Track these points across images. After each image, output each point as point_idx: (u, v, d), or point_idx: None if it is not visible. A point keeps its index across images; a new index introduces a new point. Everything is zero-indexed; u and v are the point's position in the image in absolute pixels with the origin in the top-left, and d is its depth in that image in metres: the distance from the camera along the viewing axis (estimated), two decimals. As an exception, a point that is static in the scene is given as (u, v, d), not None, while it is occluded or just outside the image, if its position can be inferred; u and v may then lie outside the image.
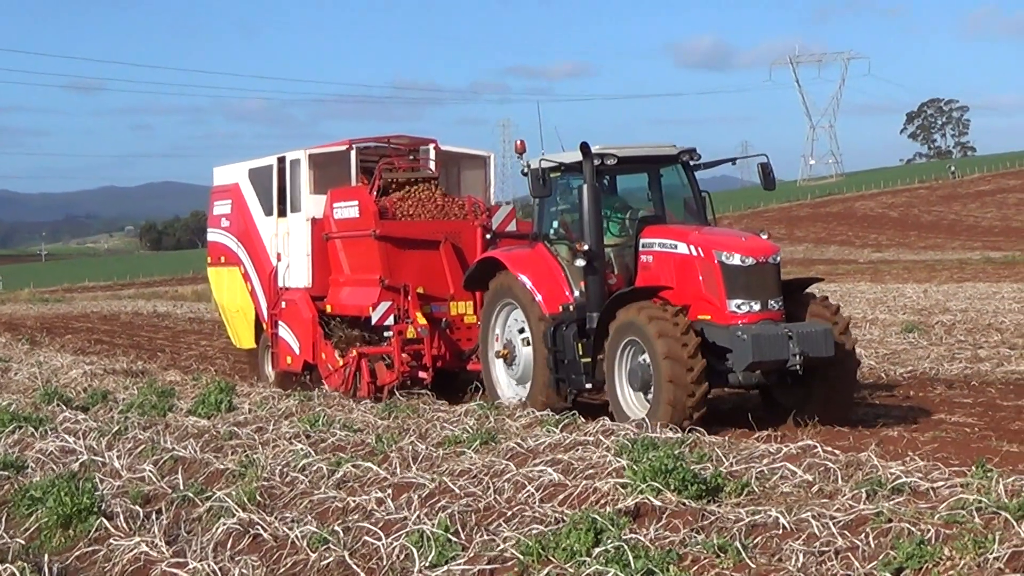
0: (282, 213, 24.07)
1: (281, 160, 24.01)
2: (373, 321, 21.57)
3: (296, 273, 23.67)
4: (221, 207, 26.60)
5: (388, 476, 13.08)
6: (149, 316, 57.27)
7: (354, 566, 10.15)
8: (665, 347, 16.58)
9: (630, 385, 17.60)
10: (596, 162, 18.36)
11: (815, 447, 13.49)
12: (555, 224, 19.58)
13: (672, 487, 11.34)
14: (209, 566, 10.15)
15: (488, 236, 21.39)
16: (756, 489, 11.76)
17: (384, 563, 10.17)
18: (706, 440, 14.73)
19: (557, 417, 16.87)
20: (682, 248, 17.88)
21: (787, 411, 17.70)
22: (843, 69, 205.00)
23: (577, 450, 13.87)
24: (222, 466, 14.46)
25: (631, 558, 9.24)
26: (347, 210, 22.50)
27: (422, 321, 21.31)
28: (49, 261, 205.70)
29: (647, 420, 16.30)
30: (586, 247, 18.12)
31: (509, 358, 19.87)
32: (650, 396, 17.21)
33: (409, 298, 21.33)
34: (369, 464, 13.60)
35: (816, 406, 17.57)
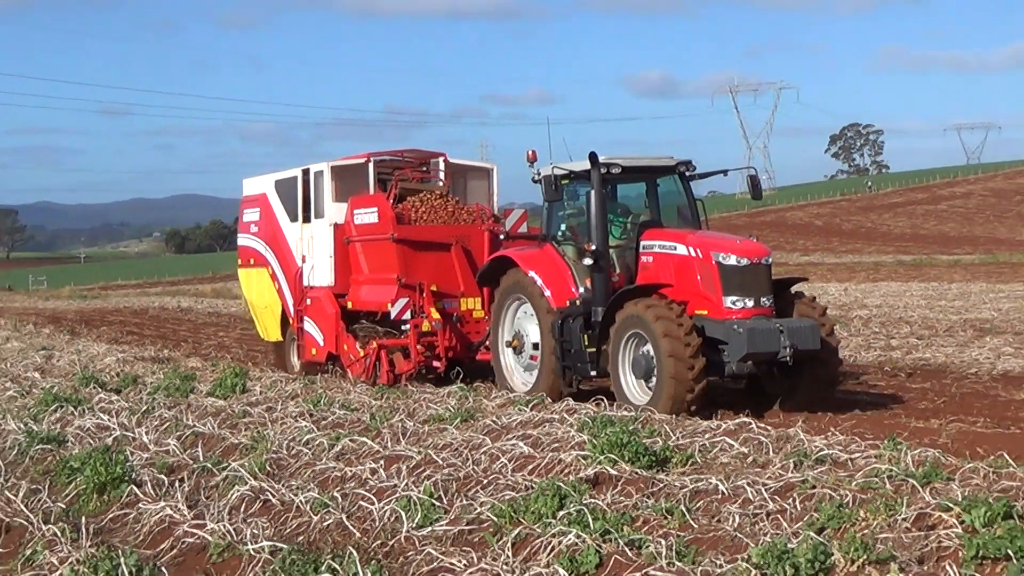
0: (306, 219, 23.87)
1: (305, 172, 23.82)
2: (392, 316, 21.33)
3: (320, 273, 23.48)
4: (251, 215, 26.37)
5: (380, 449, 13.06)
6: (174, 311, 57.08)
7: (351, 527, 10.13)
8: (670, 346, 16.27)
9: (633, 373, 17.26)
10: (602, 171, 18.11)
11: (750, 424, 13.52)
12: (563, 227, 19.28)
13: (626, 458, 11.34)
14: (224, 527, 10.12)
15: (502, 237, 20.99)
16: (699, 460, 11.77)
17: (376, 524, 10.15)
18: (656, 418, 14.75)
19: (528, 398, 16.87)
20: (681, 249, 17.63)
21: (772, 399, 17.52)
22: (776, 97, 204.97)
23: (545, 426, 13.86)
24: (236, 440, 14.42)
25: (590, 520, 9.24)
26: (367, 216, 22.29)
27: (436, 316, 21.12)
28: (87, 263, 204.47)
29: (650, 409, 15.72)
30: (593, 247, 17.93)
31: (518, 347, 19.54)
32: (651, 384, 16.89)
33: (424, 295, 21.13)
34: (364, 439, 13.57)
35: (802, 394, 17.35)
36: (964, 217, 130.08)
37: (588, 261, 18.10)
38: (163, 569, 9.04)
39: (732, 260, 17.11)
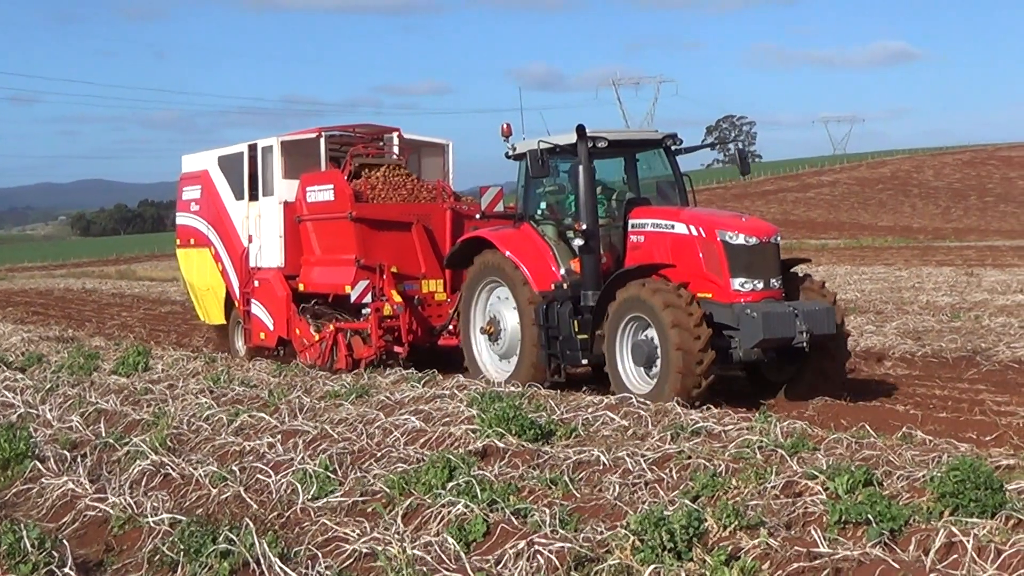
0: (253, 197, 21.84)
1: (252, 147, 21.87)
2: (352, 299, 19.48)
3: (268, 254, 21.47)
4: (190, 192, 24.14)
5: (278, 424, 12.95)
6: (79, 292, 56.08)
7: (248, 499, 10.03)
8: (678, 338, 14.47)
9: (633, 360, 15.38)
10: (589, 145, 16.31)
11: (630, 399, 13.60)
12: (542, 205, 17.54)
13: (513, 432, 11.37)
14: (126, 500, 9.96)
15: (478, 216, 18.97)
16: (582, 433, 11.83)
17: (273, 496, 10.06)
18: (541, 393, 14.78)
19: (420, 374, 16.80)
20: (680, 228, 15.79)
21: (772, 388, 15.87)
22: (656, 90, 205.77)
23: (436, 402, 13.84)
24: (138, 417, 14.20)
25: (478, 490, 9.23)
26: (321, 194, 20.31)
27: (397, 299, 19.24)
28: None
29: (650, 401, 13.72)
30: (584, 227, 16.13)
31: (494, 334, 17.64)
32: (651, 372, 15.12)
33: (384, 277, 19.27)
34: (262, 414, 13.46)
35: (809, 382, 15.63)
36: (830, 204, 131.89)
37: (579, 242, 16.35)
38: (65, 542, 8.86)
39: (740, 239, 15.33)
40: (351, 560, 8.27)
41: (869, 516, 7.84)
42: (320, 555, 8.34)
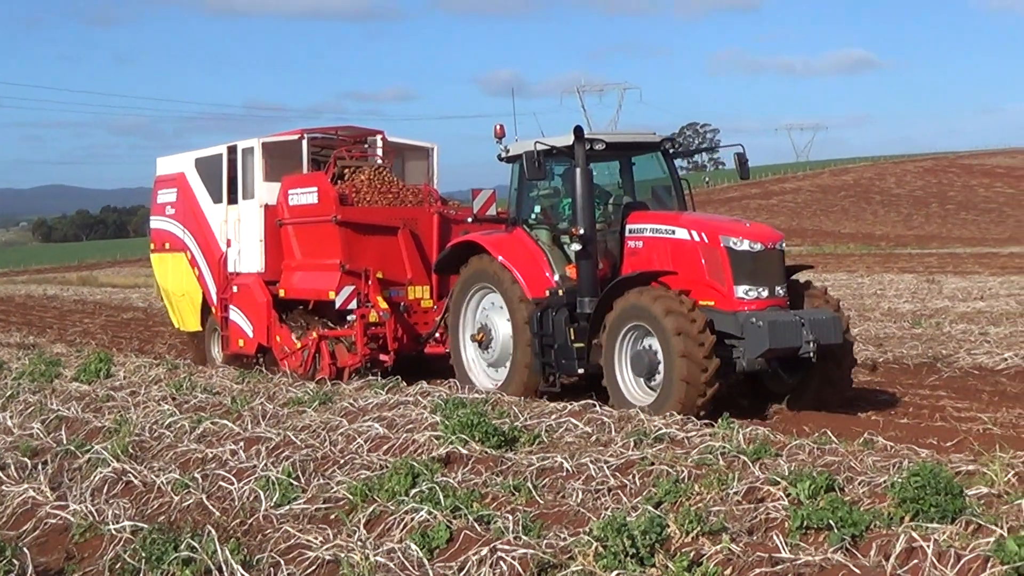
0: (232, 200, 21.10)
1: (232, 149, 21.10)
2: (337, 305, 18.83)
3: (248, 258, 20.73)
4: (166, 195, 23.35)
5: (241, 431, 12.88)
6: (40, 298, 55.75)
7: (210, 506, 9.99)
8: (682, 345, 13.98)
9: (632, 371, 14.88)
10: (586, 147, 15.76)
11: (595, 406, 13.60)
12: (537, 209, 17.04)
13: (477, 438, 11.34)
14: (87, 508, 9.91)
15: (469, 220, 18.48)
16: (545, 439, 11.82)
17: (236, 504, 10.03)
18: (505, 400, 14.77)
19: (383, 381, 16.73)
20: (681, 233, 15.22)
21: (774, 398, 15.44)
22: (620, 97, 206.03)
23: (399, 408, 13.80)
24: (100, 424, 14.11)
25: (441, 497, 9.22)
26: (304, 196, 19.64)
27: (383, 305, 18.68)
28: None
29: (653, 414, 13.25)
30: (581, 231, 15.51)
31: (484, 341, 17.15)
32: (652, 383, 14.65)
33: (370, 283, 18.70)
34: (225, 421, 13.38)
35: (811, 393, 15.21)
36: (793, 211, 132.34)
37: (576, 246, 15.74)
38: (25, 550, 8.80)
39: (745, 245, 14.74)
40: (314, 568, 8.26)
41: (831, 522, 7.87)
42: (283, 562, 8.32)
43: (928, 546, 7.21)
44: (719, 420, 12.35)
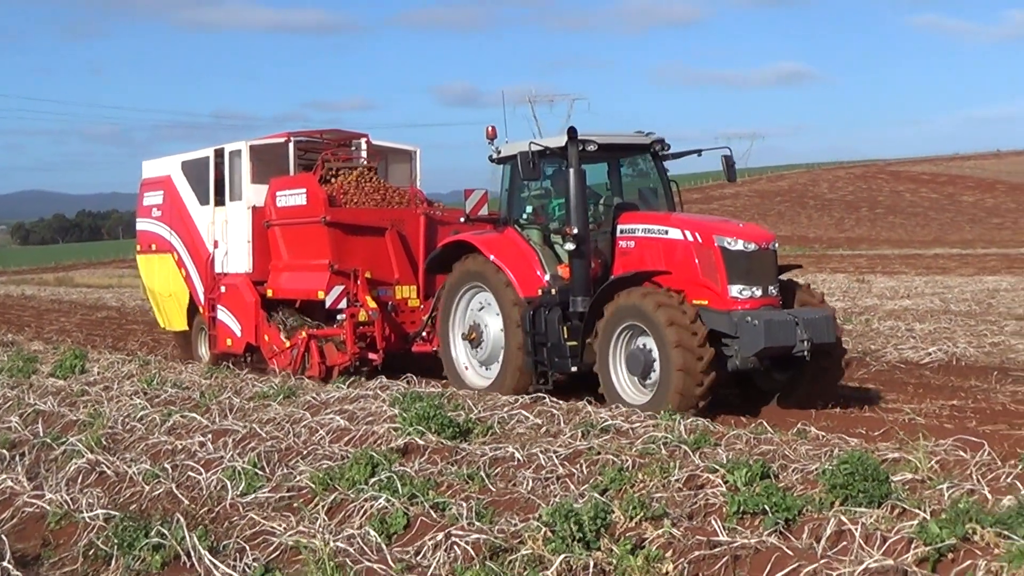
0: (219, 202, 20.60)
1: (219, 152, 20.62)
2: (327, 305, 18.37)
3: (235, 259, 20.26)
4: (152, 198, 22.81)
5: (209, 424, 12.81)
6: (18, 298, 55.24)
7: (180, 495, 9.94)
8: (676, 336, 13.58)
9: (627, 370, 14.40)
10: (579, 148, 15.28)
11: (544, 398, 13.61)
12: (528, 209, 16.53)
13: (433, 430, 11.33)
14: (62, 497, 9.87)
15: (461, 220, 17.59)
16: (498, 431, 11.81)
17: (204, 493, 9.98)
18: (460, 393, 14.75)
19: (344, 376, 16.67)
20: (675, 233, 14.72)
21: (764, 396, 15.16)
22: (569, 107, 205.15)
23: (360, 402, 13.76)
24: (75, 417, 14.01)
25: (399, 485, 9.21)
26: (293, 198, 19.16)
27: (372, 305, 18.20)
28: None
29: (651, 411, 12.75)
30: (575, 231, 15.07)
31: (475, 340, 16.61)
32: (647, 381, 14.20)
33: (359, 283, 18.26)
34: (194, 414, 13.30)
35: (803, 390, 14.84)
36: (732, 215, 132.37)
37: (570, 246, 15.23)
38: (3, 537, 8.74)
39: (739, 245, 14.29)
40: (277, 553, 8.24)
41: (765, 507, 7.91)
42: (248, 548, 8.29)
43: (856, 529, 7.27)
44: (661, 412, 12.35)
